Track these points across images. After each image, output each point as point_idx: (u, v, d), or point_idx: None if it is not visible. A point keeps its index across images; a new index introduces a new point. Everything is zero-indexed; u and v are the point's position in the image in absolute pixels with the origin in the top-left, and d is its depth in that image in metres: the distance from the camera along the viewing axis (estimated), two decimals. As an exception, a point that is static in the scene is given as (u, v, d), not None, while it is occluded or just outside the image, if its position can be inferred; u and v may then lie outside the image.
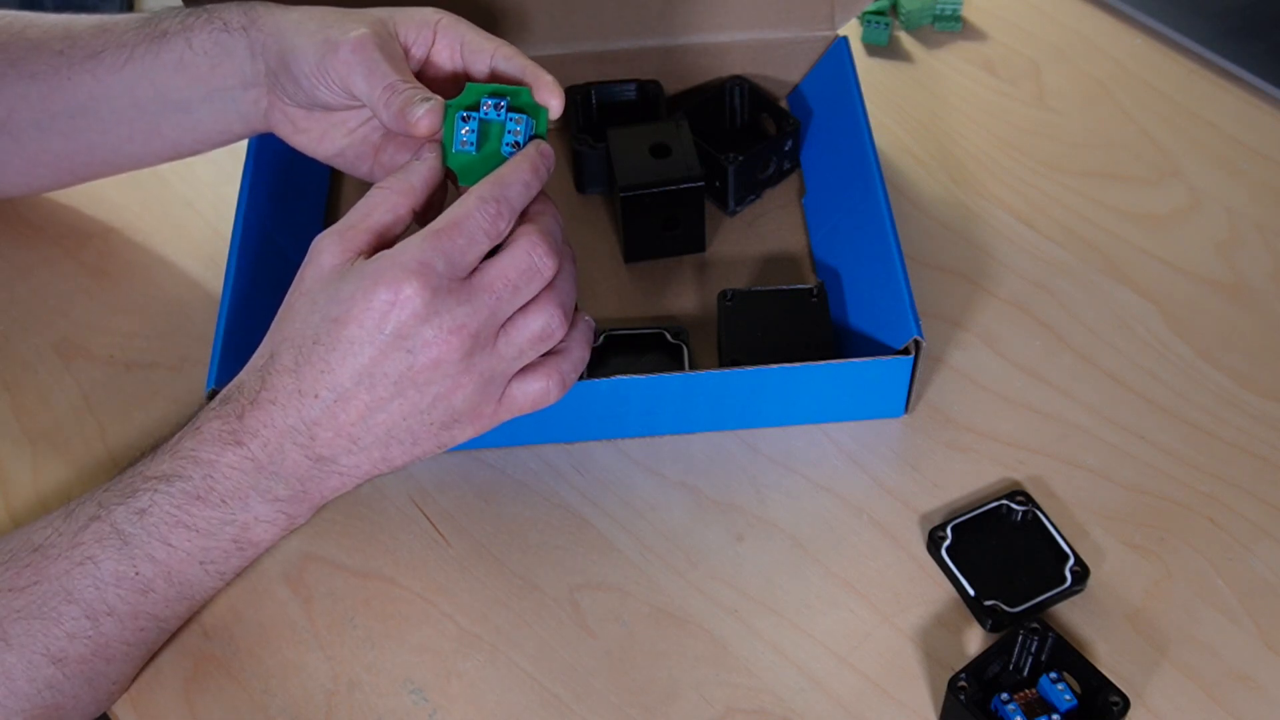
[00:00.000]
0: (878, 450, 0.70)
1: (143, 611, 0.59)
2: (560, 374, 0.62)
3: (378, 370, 0.58)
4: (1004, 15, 0.95)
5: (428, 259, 0.57)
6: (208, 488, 0.59)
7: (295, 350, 0.58)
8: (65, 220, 0.83)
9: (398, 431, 0.60)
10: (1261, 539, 0.66)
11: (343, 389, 0.58)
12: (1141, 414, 0.71)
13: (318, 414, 0.58)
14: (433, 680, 0.62)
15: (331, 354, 0.58)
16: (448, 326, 0.58)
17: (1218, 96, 0.88)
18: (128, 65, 0.70)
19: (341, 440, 0.59)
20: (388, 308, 0.57)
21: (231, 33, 0.68)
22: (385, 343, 0.57)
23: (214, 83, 0.69)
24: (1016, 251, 0.80)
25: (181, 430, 0.61)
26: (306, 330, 0.58)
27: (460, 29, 0.65)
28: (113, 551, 0.58)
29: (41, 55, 0.71)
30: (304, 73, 0.64)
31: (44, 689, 0.57)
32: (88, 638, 0.58)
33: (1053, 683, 0.59)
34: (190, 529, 0.59)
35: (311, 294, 0.59)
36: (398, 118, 0.61)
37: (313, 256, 0.60)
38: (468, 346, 0.58)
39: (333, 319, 0.58)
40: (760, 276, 0.79)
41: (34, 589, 0.57)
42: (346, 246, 0.59)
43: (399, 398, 0.59)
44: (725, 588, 0.65)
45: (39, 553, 0.58)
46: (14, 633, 0.56)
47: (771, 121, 0.84)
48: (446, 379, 0.59)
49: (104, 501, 0.59)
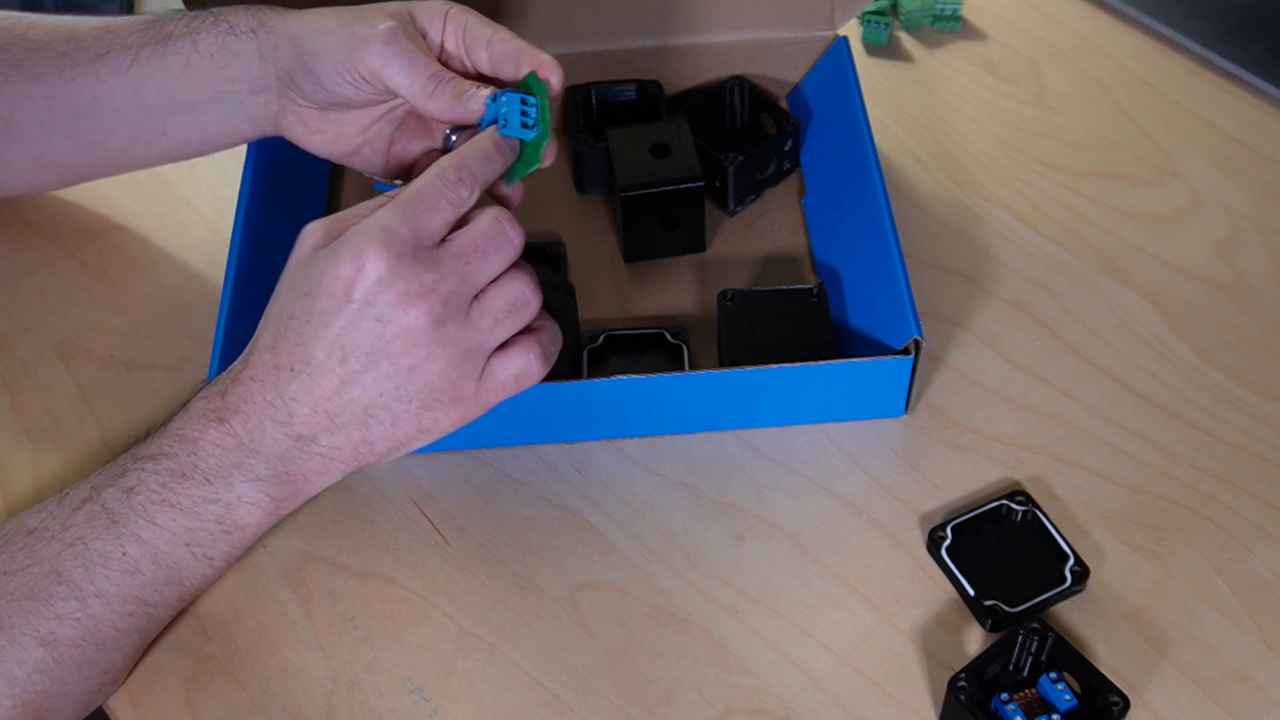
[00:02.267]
0: (878, 450, 0.70)
1: (130, 594, 0.59)
2: (540, 346, 0.62)
3: (348, 340, 0.58)
4: (1004, 15, 0.95)
5: (390, 225, 0.58)
6: (191, 465, 0.59)
7: (274, 328, 0.60)
8: (65, 220, 0.83)
9: (375, 409, 0.60)
10: (1261, 539, 0.66)
11: (316, 361, 0.59)
12: (1141, 414, 0.71)
13: (294, 389, 0.59)
14: (433, 680, 0.62)
15: (305, 327, 0.59)
16: (415, 291, 0.58)
17: (1218, 96, 0.88)
18: (132, 67, 0.70)
19: (319, 417, 0.59)
20: (354, 274, 0.58)
21: (239, 36, 0.68)
22: (354, 311, 0.58)
23: (221, 86, 0.69)
24: (1016, 251, 0.80)
25: (174, 411, 0.62)
26: (285, 308, 0.60)
27: (465, 17, 0.66)
28: (101, 531, 0.59)
29: (45, 56, 0.71)
30: (327, 71, 0.65)
31: (33, 673, 0.57)
32: (76, 619, 0.58)
33: (1053, 683, 0.59)
34: (175, 507, 0.59)
35: (291, 274, 0.60)
36: (452, 104, 0.63)
37: (298, 243, 0.61)
38: (438, 313, 0.58)
39: (304, 293, 0.59)
40: (760, 276, 0.79)
41: (26, 571, 0.58)
42: (328, 232, 0.60)
43: (372, 369, 0.59)
44: (725, 588, 0.65)
45: (33, 536, 0.59)
46: (5, 614, 0.57)
47: (771, 121, 0.84)
48: (419, 348, 0.59)
49: (97, 484, 0.60)
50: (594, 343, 0.73)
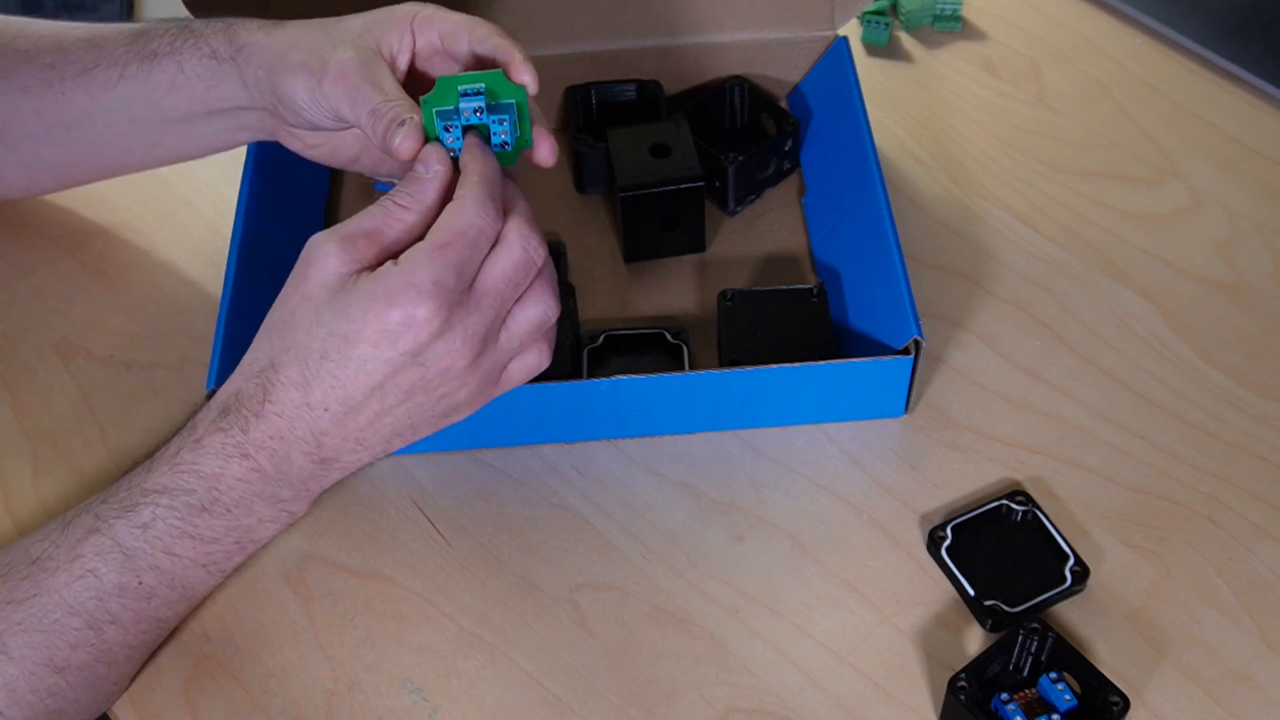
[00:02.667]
0: (878, 450, 0.70)
1: (146, 616, 0.60)
2: (548, 341, 0.63)
3: (389, 384, 0.58)
4: (1004, 15, 0.95)
5: (441, 277, 0.56)
6: (212, 499, 0.59)
7: (300, 364, 0.58)
8: (65, 220, 0.83)
9: (401, 428, 0.60)
10: (1261, 539, 0.66)
11: (354, 402, 0.58)
12: (1141, 414, 0.71)
13: (326, 425, 0.59)
14: (433, 680, 0.62)
15: (342, 370, 0.58)
16: (460, 338, 0.58)
17: (1218, 96, 0.88)
18: (120, 84, 0.69)
19: (348, 444, 0.60)
20: (402, 329, 0.57)
21: (220, 62, 0.67)
22: (399, 360, 0.57)
23: (213, 103, 0.69)
24: (1016, 251, 0.80)
25: (177, 439, 0.61)
26: (312, 344, 0.58)
27: (435, 20, 0.63)
28: (115, 564, 0.58)
29: (31, 68, 0.71)
30: (300, 105, 0.64)
31: (46, 697, 0.57)
32: (91, 646, 0.58)
33: (1053, 683, 0.59)
34: (195, 538, 0.59)
35: (315, 303, 0.58)
36: (383, 145, 0.60)
37: (314, 259, 0.58)
38: (476, 351, 0.59)
39: (342, 335, 0.57)
40: (760, 276, 0.79)
41: (33, 601, 0.57)
42: (354, 256, 0.58)
43: (407, 402, 0.59)
44: (725, 588, 0.65)
45: (37, 565, 0.58)
46: (14, 645, 0.57)
47: (771, 121, 0.84)
48: (453, 380, 0.59)
49: (102, 514, 0.59)
50: (594, 343, 0.73)
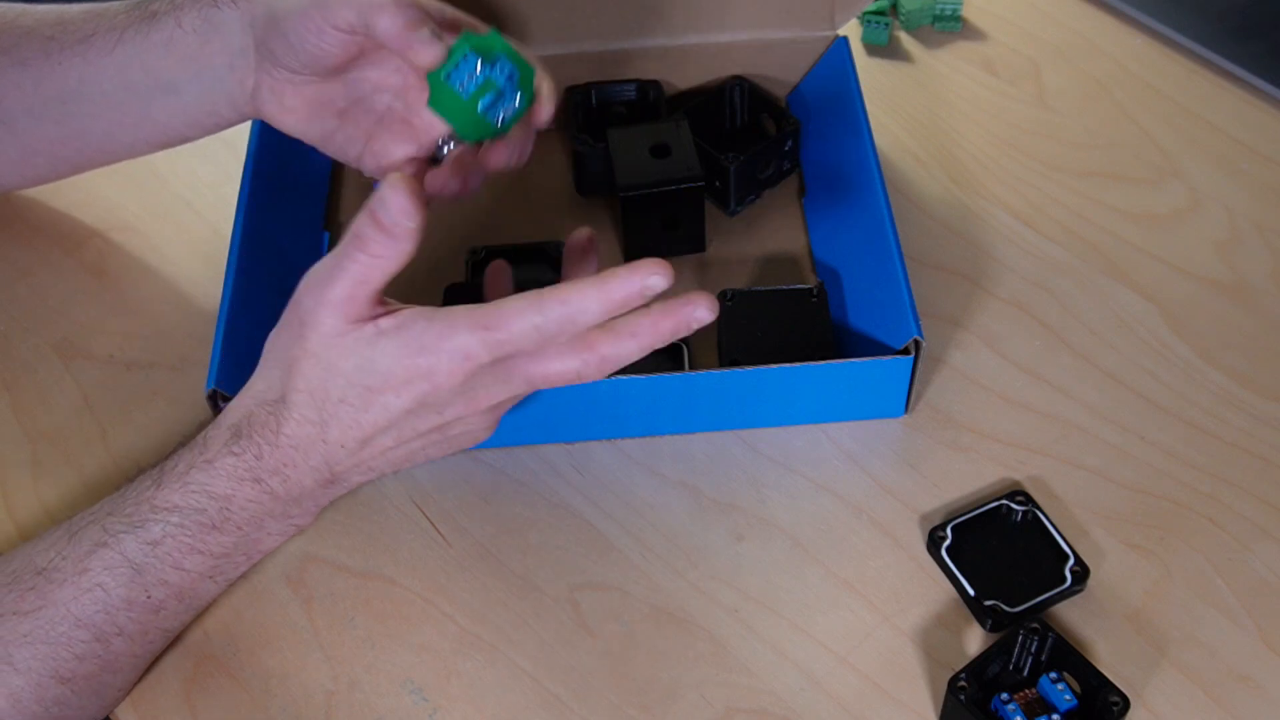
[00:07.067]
0: (878, 450, 0.70)
1: (153, 627, 0.60)
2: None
3: (406, 424, 0.59)
4: (1004, 15, 0.95)
5: (473, 352, 0.56)
6: (224, 518, 0.59)
7: (317, 407, 0.58)
8: (65, 220, 0.83)
9: (413, 456, 0.61)
10: (1261, 539, 0.66)
11: (369, 438, 0.59)
12: (1141, 414, 0.71)
13: (342, 456, 0.59)
14: (433, 680, 0.62)
15: (363, 416, 0.58)
16: (481, 399, 0.58)
17: (1218, 96, 0.88)
18: (118, 48, 0.70)
19: (360, 470, 0.61)
20: (425, 385, 0.57)
21: (222, 8, 0.68)
22: (421, 410, 0.58)
23: (202, 60, 0.69)
24: (1016, 251, 0.80)
25: (188, 456, 0.60)
26: (330, 390, 0.58)
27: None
28: (123, 579, 0.58)
29: (33, 41, 0.71)
30: (295, 27, 0.63)
31: (51, 706, 0.58)
32: (97, 657, 0.58)
33: (1053, 683, 0.59)
34: (204, 554, 0.60)
35: (321, 359, 0.58)
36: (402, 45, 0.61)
37: (309, 321, 0.58)
38: (494, 404, 0.59)
39: (365, 386, 0.57)
40: (760, 276, 0.79)
41: (40, 613, 0.57)
42: (354, 314, 0.57)
43: (421, 438, 0.60)
44: (725, 588, 0.65)
45: (43, 576, 0.58)
46: (20, 657, 0.57)
47: (771, 121, 0.84)
48: (470, 421, 0.60)
49: (110, 528, 0.59)
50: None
